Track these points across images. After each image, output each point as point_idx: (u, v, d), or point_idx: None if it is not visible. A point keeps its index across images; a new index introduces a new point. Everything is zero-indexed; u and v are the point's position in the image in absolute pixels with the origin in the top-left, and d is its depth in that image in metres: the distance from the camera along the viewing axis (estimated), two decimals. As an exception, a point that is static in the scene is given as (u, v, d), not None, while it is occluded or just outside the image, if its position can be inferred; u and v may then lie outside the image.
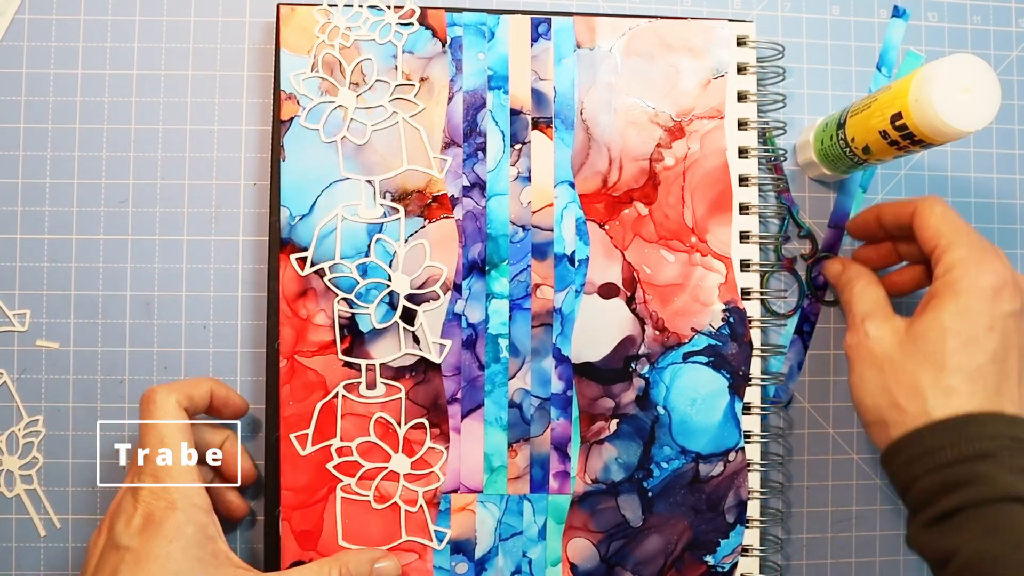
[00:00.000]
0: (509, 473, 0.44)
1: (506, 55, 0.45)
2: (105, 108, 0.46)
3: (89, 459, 0.44)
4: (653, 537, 0.45)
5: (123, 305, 0.45)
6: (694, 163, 0.46)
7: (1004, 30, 0.51)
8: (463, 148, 0.45)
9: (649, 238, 0.46)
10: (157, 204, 0.46)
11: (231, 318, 0.45)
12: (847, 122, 0.43)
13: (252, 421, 0.45)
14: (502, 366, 0.44)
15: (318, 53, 0.44)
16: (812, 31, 0.50)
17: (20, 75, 0.46)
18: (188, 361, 0.45)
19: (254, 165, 0.46)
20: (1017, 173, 0.50)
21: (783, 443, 0.48)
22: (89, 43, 0.46)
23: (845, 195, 0.49)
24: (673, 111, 0.46)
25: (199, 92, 0.46)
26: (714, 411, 0.45)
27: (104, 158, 0.46)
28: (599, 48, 0.46)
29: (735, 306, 0.46)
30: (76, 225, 0.45)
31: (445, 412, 0.44)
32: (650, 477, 0.45)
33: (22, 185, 0.45)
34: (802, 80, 0.49)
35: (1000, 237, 0.50)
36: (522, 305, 0.45)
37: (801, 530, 0.48)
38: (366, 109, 0.44)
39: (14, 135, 0.45)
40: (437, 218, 0.45)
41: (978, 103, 0.37)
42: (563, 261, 0.45)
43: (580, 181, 0.45)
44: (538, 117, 0.45)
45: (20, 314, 0.45)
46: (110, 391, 0.45)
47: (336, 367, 0.43)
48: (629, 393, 0.45)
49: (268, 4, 0.46)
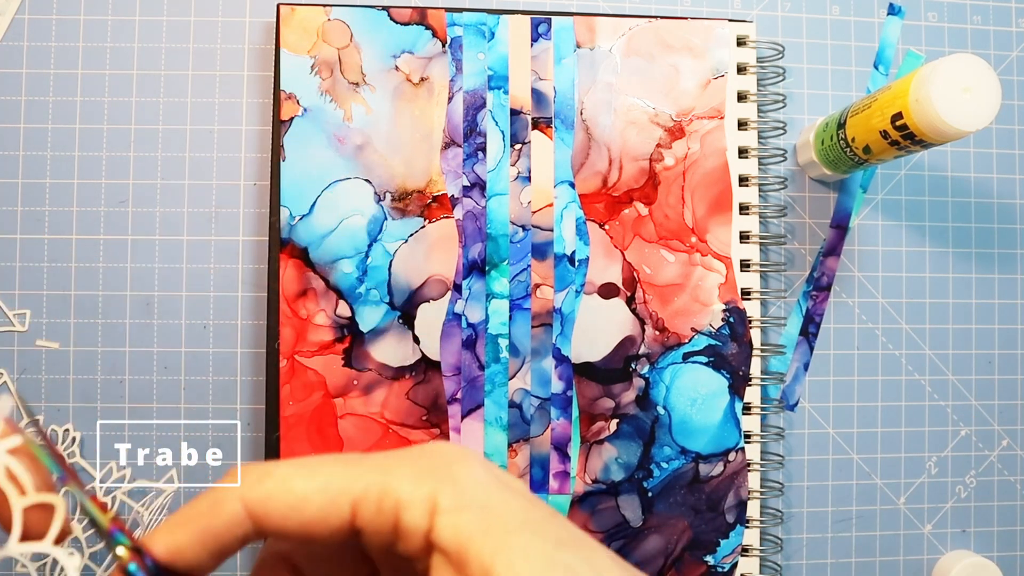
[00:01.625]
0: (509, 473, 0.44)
1: (506, 55, 0.45)
2: (105, 108, 0.46)
3: (89, 459, 0.44)
4: (653, 537, 0.45)
5: (123, 305, 0.45)
6: (694, 163, 0.46)
7: (1004, 30, 0.51)
8: (463, 148, 0.45)
9: (649, 238, 0.46)
10: (157, 204, 0.46)
11: (231, 318, 0.45)
12: (847, 122, 0.43)
13: (252, 421, 0.45)
14: (502, 366, 0.44)
15: (318, 53, 0.44)
16: (812, 31, 0.50)
17: (20, 75, 0.46)
18: (188, 361, 0.45)
19: (254, 165, 0.46)
20: (1017, 173, 0.50)
21: (783, 443, 0.48)
22: (89, 43, 0.46)
23: (845, 195, 0.49)
24: (673, 111, 0.46)
25: (199, 92, 0.46)
26: (714, 411, 0.45)
27: (104, 158, 0.46)
28: (599, 48, 0.46)
29: (735, 306, 0.46)
30: (76, 225, 0.45)
31: (445, 412, 0.44)
32: (650, 477, 0.45)
33: (22, 185, 0.45)
34: (802, 80, 0.49)
35: (1000, 237, 0.50)
36: (522, 305, 0.45)
37: (801, 530, 0.48)
38: (366, 109, 0.44)
39: (14, 135, 0.45)
40: (437, 218, 0.45)
41: (978, 103, 0.37)
42: (563, 261, 0.45)
43: (580, 181, 0.45)
44: (538, 117, 0.45)
45: (20, 314, 0.45)
46: (110, 391, 0.45)
47: (336, 367, 0.43)
48: (629, 393, 0.45)
49: (268, 4, 0.46)
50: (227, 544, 0.20)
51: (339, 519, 0.20)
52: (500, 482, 0.21)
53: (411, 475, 0.20)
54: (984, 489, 0.49)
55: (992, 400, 0.49)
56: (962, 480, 0.49)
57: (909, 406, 0.49)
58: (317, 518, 0.20)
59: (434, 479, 0.20)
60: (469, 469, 0.20)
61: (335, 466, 0.20)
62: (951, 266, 0.50)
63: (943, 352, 0.49)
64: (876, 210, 0.49)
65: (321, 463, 0.20)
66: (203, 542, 0.19)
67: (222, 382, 0.45)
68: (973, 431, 0.49)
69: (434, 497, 0.19)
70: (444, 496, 0.19)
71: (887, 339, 0.49)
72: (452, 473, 0.20)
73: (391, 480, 0.20)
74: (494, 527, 0.19)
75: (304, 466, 0.20)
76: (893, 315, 0.49)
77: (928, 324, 0.49)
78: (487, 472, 0.21)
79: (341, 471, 0.20)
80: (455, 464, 0.20)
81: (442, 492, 0.20)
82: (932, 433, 0.49)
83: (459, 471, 0.20)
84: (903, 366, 0.49)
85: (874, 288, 0.49)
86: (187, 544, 0.19)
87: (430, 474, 0.20)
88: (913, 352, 0.49)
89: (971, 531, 0.49)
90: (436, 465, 0.20)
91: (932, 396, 0.49)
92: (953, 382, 0.49)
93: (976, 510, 0.49)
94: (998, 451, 0.49)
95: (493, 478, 0.21)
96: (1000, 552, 0.49)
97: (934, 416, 0.49)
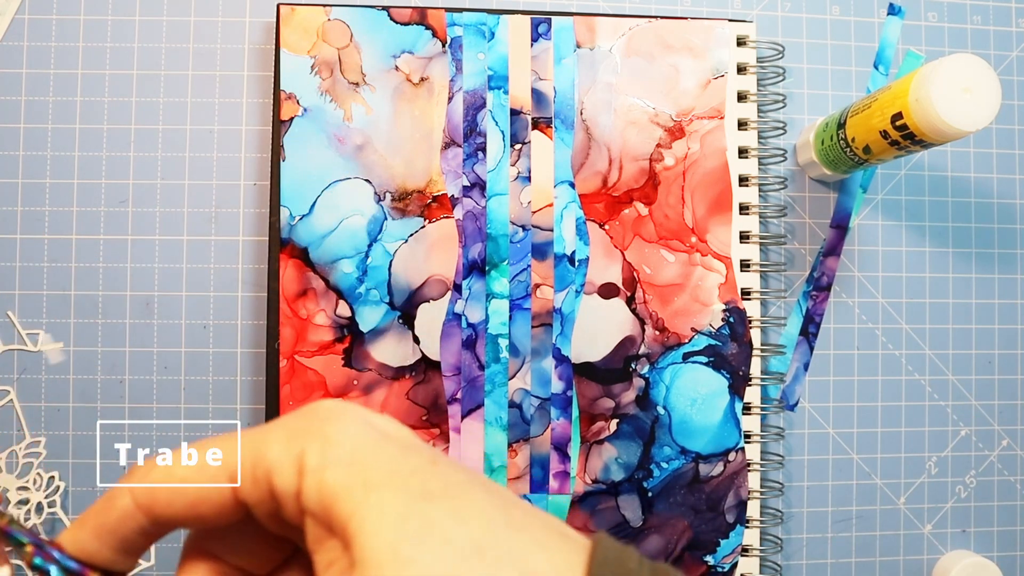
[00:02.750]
0: (509, 473, 0.44)
1: (506, 55, 0.45)
2: (105, 108, 0.46)
3: (89, 459, 0.44)
4: (653, 537, 0.45)
5: (123, 305, 0.45)
6: (694, 163, 0.46)
7: (1004, 30, 0.51)
8: (463, 148, 0.45)
9: (649, 238, 0.46)
10: (157, 204, 0.46)
11: (231, 318, 0.45)
12: (847, 122, 0.43)
13: (252, 421, 0.45)
14: (502, 366, 0.44)
15: (318, 53, 0.44)
16: (812, 31, 0.50)
17: (20, 75, 0.46)
18: (188, 361, 0.45)
19: (254, 165, 0.46)
20: (1017, 173, 0.50)
21: (783, 443, 0.48)
22: (89, 43, 0.46)
23: (845, 195, 0.49)
24: (673, 111, 0.46)
25: (199, 92, 0.46)
26: (714, 411, 0.45)
27: (104, 158, 0.46)
28: (599, 48, 0.46)
29: (735, 306, 0.46)
30: (76, 225, 0.45)
31: (445, 412, 0.44)
32: (650, 477, 0.45)
33: (22, 185, 0.45)
34: (802, 80, 0.49)
35: (1000, 237, 0.50)
36: (522, 305, 0.45)
37: (801, 530, 0.48)
38: (366, 109, 0.44)
39: (14, 135, 0.45)
40: (437, 218, 0.45)
41: (978, 103, 0.37)
42: (563, 261, 0.45)
43: (580, 181, 0.45)
44: (538, 117, 0.45)
45: (32, 334, 0.45)
46: (110, 391, 0.45)
47: (336, 367, 0.43)
48: (629, 393, 0.45)
49: (268, 4, 0.46)
50: (127, 537, 0.20)
51: (220, 494, 0.20)
52: (378, 433, 0.19)
53: (282, 438, 0.19)
54: (984, 489, 0.49)
55: (992, 400, 0.49)
56: (962, 480, 0.49)
57: (909, 406, 0.49)
58: (199, 498, 0.20)
59: (304, 438, 0.19)
60: (342, 424, 0.19)
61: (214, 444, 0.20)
62: (951, 266, 0.50)
63: (943, 352, 0.49)
64: (876, 210, 0.49)
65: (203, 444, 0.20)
66: (99, 536, 0.20)
67: (222, 382, 0.45)
68: (973, 431, 0.49)
69: (302, 457, 0.19)
70: (311, 455, 0.18)
71: (887, 339, 0.49)
72: (323, 430, 0.19)
73: (261, 446, 0.19)
74: (355, 483, 0.18)
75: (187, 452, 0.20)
76: (893, 315, 0.49)
77: (928, 324, 0.49)
78: (363, 424, 0.20)
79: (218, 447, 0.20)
80: (328, 421, 0.19)
81: (310, 451, 0.19)
82: (932, 433, 0.49)
83: (331, 428, 0.19)
84: (903, 366, 0.49)
85: (874, 288, 0.49)
86: (86, 539, 0.20)
87: (301, 434, 0.19)
88: (913, 352, 0.49)
89: (971, 531, 0.49)
90: (309, 424, 0.19)
91: (932, 396, 0.49)
92: (953, 382, 0.49)
93: (976, 510, 0.49)
94: (998, 451, 0.49)
95: (369, 430, 0.19)
96: (1000, 552, 0.49)
97: (934, 416, 0.49)
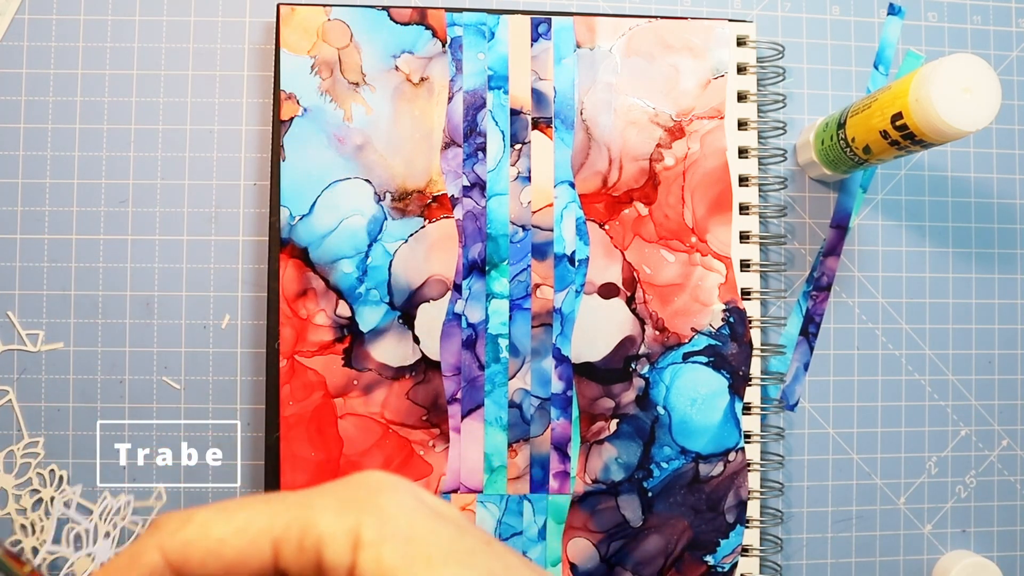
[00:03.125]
0: (509, 473, 0.44)
1: (506, 55, 0.45)
2: (105, 108, 0.46)
3: (89, 459, 0.44)
4: (653, 537, 0.45)
5: (123, 305, 0.45)
6: (694, 163, 0.46)
7: (1004, 30, 0.51)
8: (463, 148, 0.45)
9: (649, 238, 0.46)
10: (157, 204, 0.46)
11: (231, 318, 0.45)
12: (847, 122, 0.43)
13: (252, 421, 0.45)
14: (502, 366, 0.44)
15: (318, 53, 0.44)
16: (812, 31, 0.50)
17: (20, 75, 0.46)
18: (188, 361, 0.45)
19: (254, 165, 0.46)
20: (1017, 173, 0.50)
21: (783, 443, 0.48)
22: (89, 43, 0.46)
23: (845, 195, 0.49)
24: (673, 111, 0.46)
25: (199, 92, 0.46)
26: (714, 411, 0.45)
27: (104, 158, 0.46)
28: (599, 48, 0.46)
29: (735, 306, 0.46)
30: (76, 225, 0.45)
31: (445, 412, 0.44)
32: (650, 477, 0.45)
33: (22, 185, 0.45)
34: (802, 80, 0.49)
35: (1000, 237, 0.50)
36: (522, 305, 0.45)
37: (801, 530, 0.48)
38: (366, 109, 0.44)
39: (14, 135, 0.45)
40: (437, 218, 0.45)
41: (978, 103, 0.37)
42: (563, 261, 0.45)
43: (580, 181, 0.45)
44: (538, 117, 0.45)
45: (33, 334, 0.45)
46: (110, 391, 0.45)
47: (336, 367, 0.43)
48: (629, 393, 0.45)
49: (268, 4, 0.46)
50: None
51: (260, 561, 0.18)
52: (430, 510, 0.19)
53: (334, 508, 0.19)
54: (984, 489, 0.49)
55: (992, 400, 0.49)
56: (962, 480, 0.49)
57: (909, 406, 0.49)
58: (237, 561, 0.18)
59: (358, 510, 0.18)
60: (396, 498, 0.19)
61: (255, 506, 0.19)
62: (951, 266, 0.50)
63: (943, 352, 0.49)
64: (876, 210, 0.49)
65: (242, 504, 0.19)
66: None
67: (222, 382, 0.45)
68: (973, 431, 0.49)
69: (357, 530, 0.18)
70: (367, 528, 0.18)
71: (887, 339, 0.49)
72: (378, 503, 0.19)
73: (312, 515, 0.18)
74: (418, 560, 0.18)
75: (224, 509, 0.19)
76: (893, 315, 0.49)
77: (928, 324, 0.49)
78: (415, 500, 0.19)
79: (261, 510, 0.19)
80: (381, 493, 0.19)
81: (365, 524, 0.18)
82: (932, 433, 0.49)
83: (385, 500, 0.19)
84: (903, 366, 0.49)
85: (874, 288, 0.49)
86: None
87: (354, 505, 0.19)
88: (913, 352, 0.49)
89: (971, 531, 0.49)
90: (361, 495, 0.19)
91: (932, 396, 0.49)
92: (953, 382, 0.49)
93: (976, 510, 0.49)
94: (998, 451, 0.49)
95: (421, 506, 0.19)
96: (1000, 552, 0.49)
97: (934, 416, 0.49)
